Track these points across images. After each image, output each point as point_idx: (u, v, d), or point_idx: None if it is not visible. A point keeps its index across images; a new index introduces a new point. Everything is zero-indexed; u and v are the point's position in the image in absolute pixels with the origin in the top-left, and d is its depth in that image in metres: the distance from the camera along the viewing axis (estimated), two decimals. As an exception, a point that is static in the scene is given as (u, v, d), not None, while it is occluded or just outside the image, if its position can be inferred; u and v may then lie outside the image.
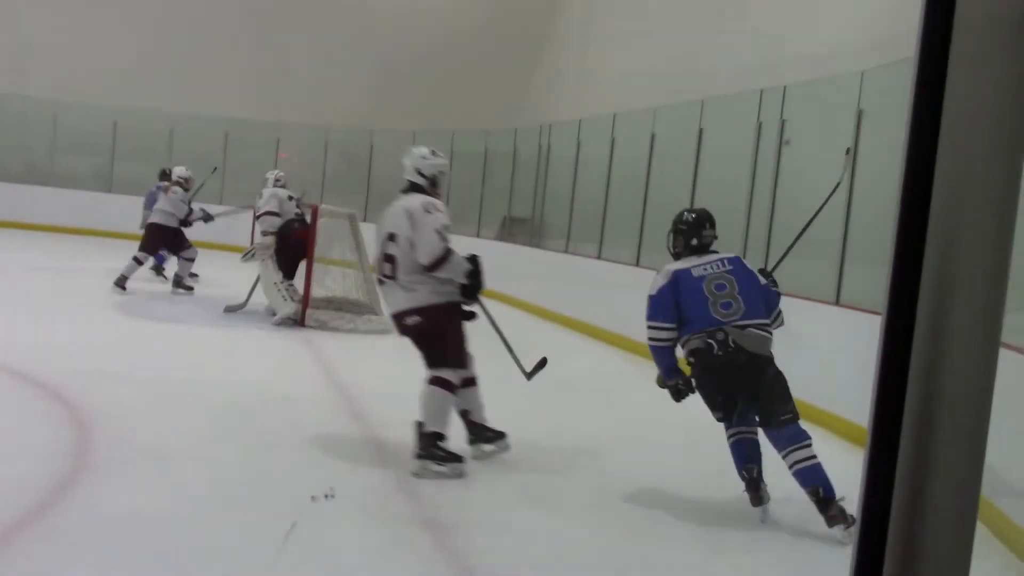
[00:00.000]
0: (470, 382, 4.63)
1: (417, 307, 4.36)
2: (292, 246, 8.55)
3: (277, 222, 8.85)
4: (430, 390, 4.33)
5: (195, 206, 9.79)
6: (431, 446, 4.24)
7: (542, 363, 5.05)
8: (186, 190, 9.74)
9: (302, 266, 8.35)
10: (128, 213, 14.94)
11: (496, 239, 13.30)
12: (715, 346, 3.98)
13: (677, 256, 4.32)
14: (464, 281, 4.40)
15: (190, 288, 9.71)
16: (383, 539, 3.45)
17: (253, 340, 7.52)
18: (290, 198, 9.15)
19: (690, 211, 4.46)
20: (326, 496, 3.72)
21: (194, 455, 4.21)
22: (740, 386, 4.02)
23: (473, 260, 4.41)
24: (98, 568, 2.95)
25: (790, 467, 3.87)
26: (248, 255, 8.73)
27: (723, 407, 4.06)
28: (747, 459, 4.04)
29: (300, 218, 8.91)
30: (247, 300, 8.75)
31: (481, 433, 4.64)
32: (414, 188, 4.62)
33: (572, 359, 8.30)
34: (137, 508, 3.47)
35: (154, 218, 9.59)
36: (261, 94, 16.90)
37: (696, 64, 10.83)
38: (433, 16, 17.09)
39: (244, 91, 16.88)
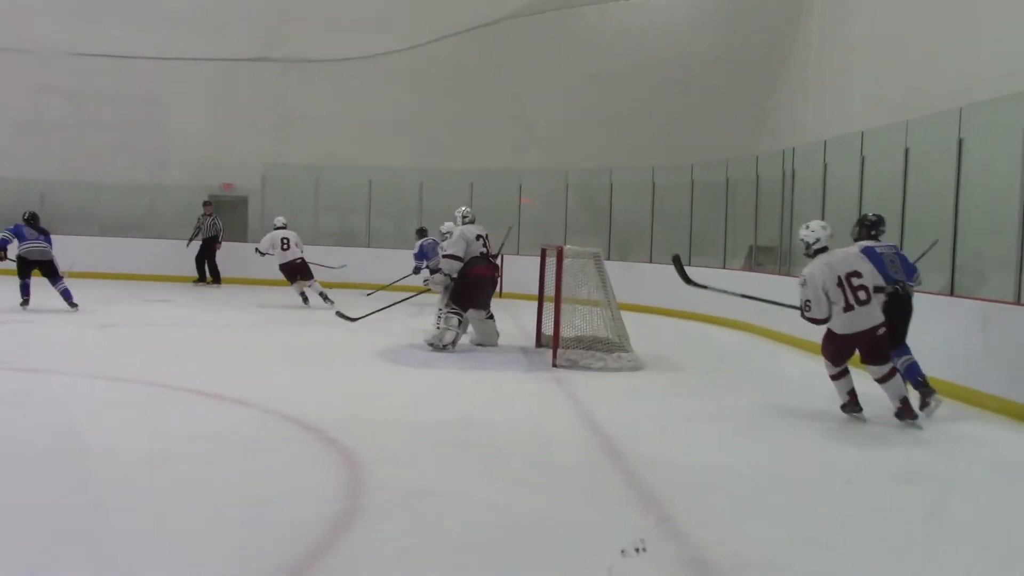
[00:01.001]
0: None
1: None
2: (468, 282, 9.13)
3: (457, 266, 9.24)
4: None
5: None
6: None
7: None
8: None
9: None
10: (386, 265, 15.84)
11: (743, 269, 13.00)
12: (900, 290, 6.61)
13: (857, 240, 6.97)
14: None
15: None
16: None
17: (508, 382, 7.68)
18: (478, 237, 9.37)
19: (874, 214, 7.13)
20: (638, 550, 3.50)
21: (463, 496, 4.33)
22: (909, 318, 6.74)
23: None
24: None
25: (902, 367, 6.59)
26: (426, 282, 9.66)
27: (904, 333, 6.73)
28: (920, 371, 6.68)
29: (484, 256, 9.27)
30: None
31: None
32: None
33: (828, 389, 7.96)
34: (409, 550, 3.59)
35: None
36: (503, 143, 17.49)
37: (951, 70, 10.19)
38: (666, 50, 17.10)
39: (487, 142, 17.53)
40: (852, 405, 6.40)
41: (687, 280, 7.52)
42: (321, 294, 13.31)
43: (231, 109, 18.38)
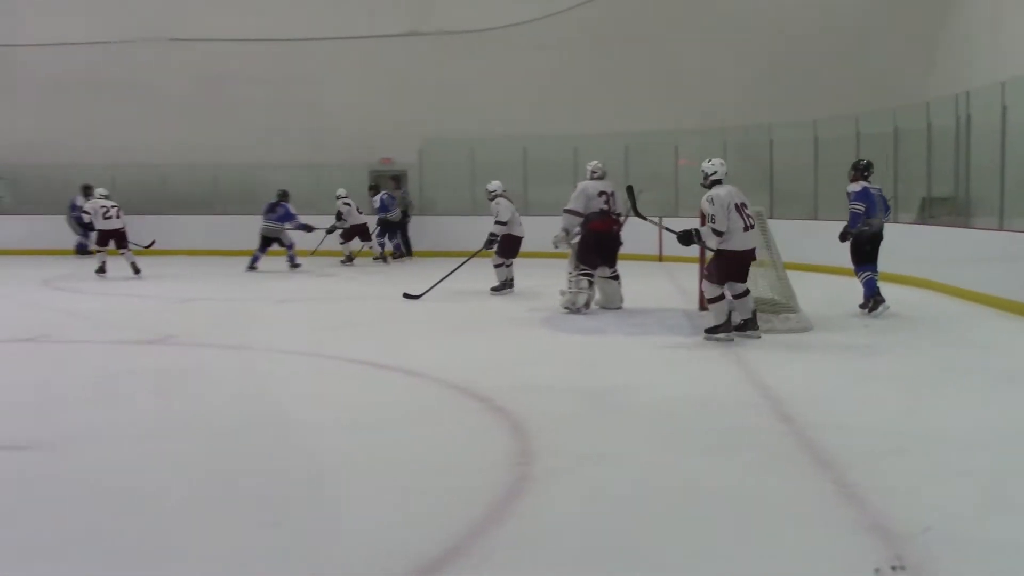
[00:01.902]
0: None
1: None
2: (589, 238, 9.10)
3: (574, 220, 9.26)
4: None
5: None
6: None
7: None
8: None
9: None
10: (541, 232, 15.90)
11: (915, 223, 12.39)
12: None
13: (854, 181, 8.92)
14: None
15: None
16: (824, 550, 3.29)
17: (672, 346, 7.59)
18: (600, 193, 9.31)
19: (866, 160, 9.16)
20: (894, 568, 3.04)
21: (634, 462, 4.30)
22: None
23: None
24: (555, 572, 3.09)
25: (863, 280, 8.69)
26: (555, 245, 9.58)
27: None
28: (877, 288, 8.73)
29: (604, 212, 9.19)
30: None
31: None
32: None
33: (1018, 347, 7.53)
34: (583, 515, 3.60)
35: None
36: (657, 104, 17.18)
37: None
38: (823, -5, 16.39)
39: (641, 104, 17.27)
40: (725, 327, 7.54)
41: (636, 212, 8.61)
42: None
43: (386, 85, 18.73)
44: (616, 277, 9.52)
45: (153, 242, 14.68)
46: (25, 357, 7.30)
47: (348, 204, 15.80)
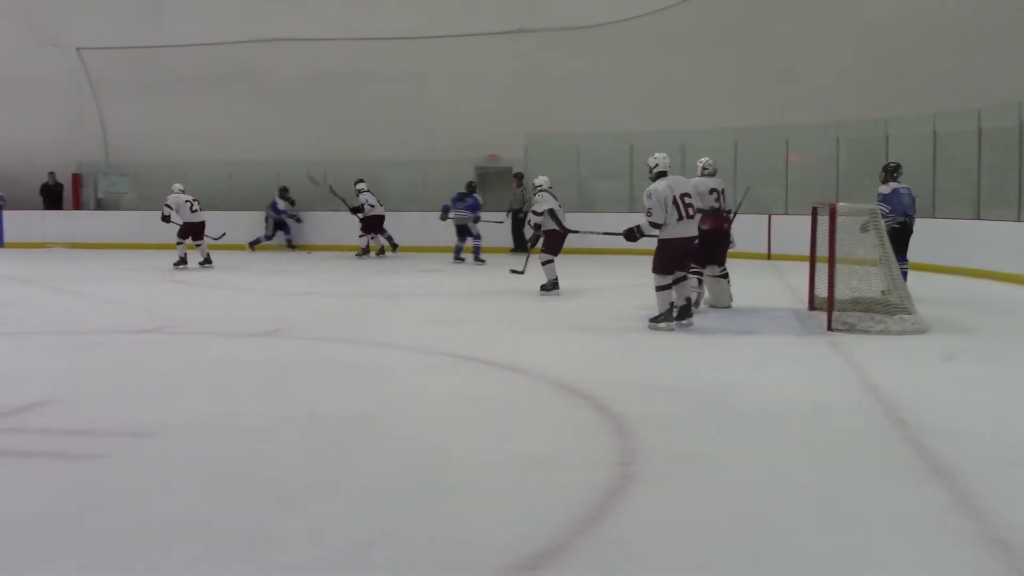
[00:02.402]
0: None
1: None
2: (701, 237, 8.70)
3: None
4: None
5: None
6: None
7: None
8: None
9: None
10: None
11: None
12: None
13: (885, 183, 9.88)
14: None
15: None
16: (942, 561, 3.16)
17: (780, 346, 7.43)
18: (711, 191, 9.16)
19: (894, 162, 10.07)
20: None
21: (738, 464, 4.22)
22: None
23: None
24: (656, 573, 3.05)
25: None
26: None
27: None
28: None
29: (715, 210, 9.08)
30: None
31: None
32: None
33: None
34: (685, 517, 3.54)
35: None
36: (767, 99, 16.82)
37: None
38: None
39: (750, 99, 16.94)
40: (667, 316, 8.06)
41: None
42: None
43: (492, 82, 18.82)
44: (725, 275, 9.39)
45: (223, 234, 15.17)
46: (145, 348, 7.57)
47: (371, 194, 16.55)
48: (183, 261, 14.50)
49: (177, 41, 19.46)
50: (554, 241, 10.96)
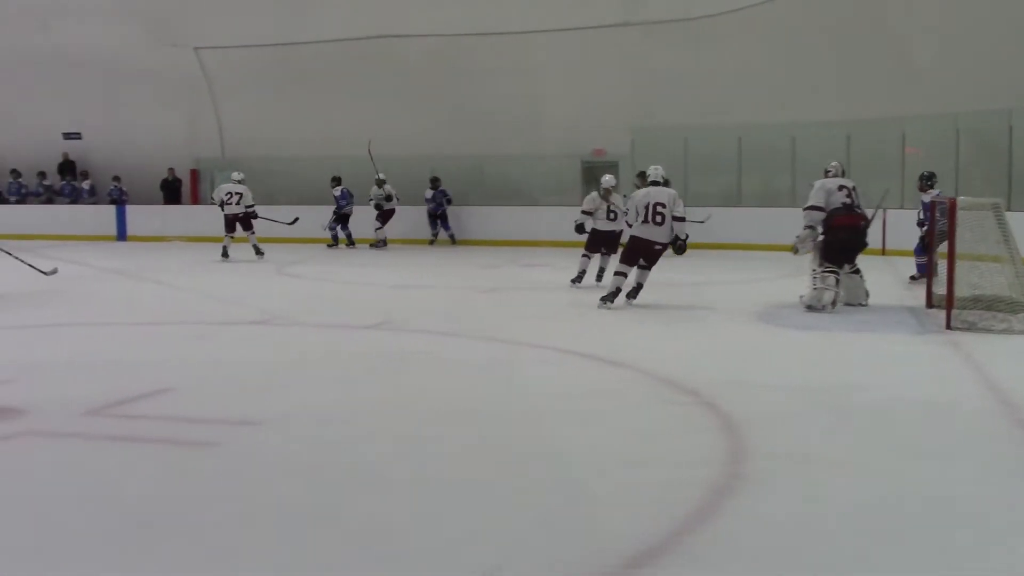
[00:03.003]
0: None
1: None
2: (832, 234, 8.75)
3: (818, 216, 8.86)
4: None
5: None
6: None
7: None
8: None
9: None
10: (754, 225, 15.51)
11: None
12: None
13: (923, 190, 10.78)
14: None
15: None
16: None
17: (897, 345, 7.20)
18: (840, 188, 8.97)
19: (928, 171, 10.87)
20: None
21: (850, 465, 4.10)
22: None
23: None
24: (763, 573, 2.99)
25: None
26: (793, 248, 9.22)
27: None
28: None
29: (848, 206, 8.81)
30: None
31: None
32: None
33: None
34: (794, 519, 3.46)
35: None
36: (881, 90, 16.28)
37: None
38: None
39: (863, 89, 16.41)
40: (611, 297, 9.02)
41: None
42: None
43: (599, 76, 18.69)
44: (858, 271, 9.16)
45: (296, 219, 15.80)
46: (256, 339, 7.77)
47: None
48: (226, 253, 14.93)
49: (291, 39, 19.89)
50: (591, 239, 11.19)
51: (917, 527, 3.38)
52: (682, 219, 9.11)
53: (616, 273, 9.20)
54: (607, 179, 11.21)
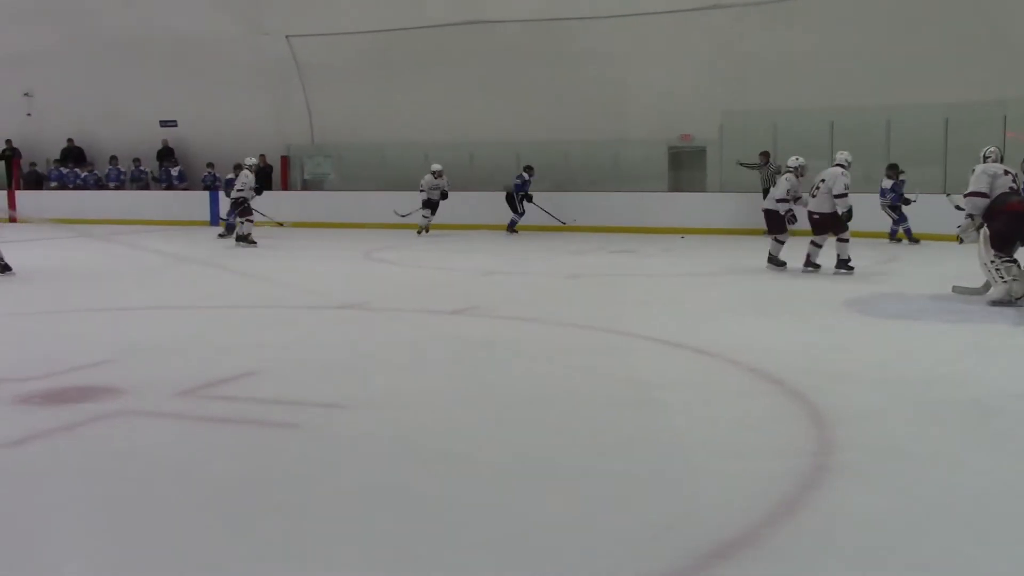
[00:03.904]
0: None
1: None
2: (1003, 220, 8.08)
3: (982, 203, 8.33)
4: None
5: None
6: None
7: None
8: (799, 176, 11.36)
9: None
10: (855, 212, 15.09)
11: None
12: None
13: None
14: None
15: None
16: None
17: (996, 336, 6.96)
18: (1006, 172, 8.50)
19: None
20: None
21: (942, 460, 3.99)
22: None
23: None
24: (846, 570, 2.92)
25: None
26: (958, 239, 8.75)
27: None
28: None
29: (1016, 191, 8.28)
30: (985, 288, 8.33)
31: None
32: None
33: None
34: (884, 514, 3.36)
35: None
36: (982, 70, 15.70)
37: None
38: None
39: (963, 71, 15.85)
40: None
41: None
42: None
43: (687, 60, 18.44)
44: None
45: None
46: (343, 323, 7.89)
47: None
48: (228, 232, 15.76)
49: (381, 26, 20.07)
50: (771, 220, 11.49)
51: (1012, 525, 3.27)
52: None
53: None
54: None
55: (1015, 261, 8.12)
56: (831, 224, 10.72)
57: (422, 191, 17.49)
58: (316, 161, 22.10)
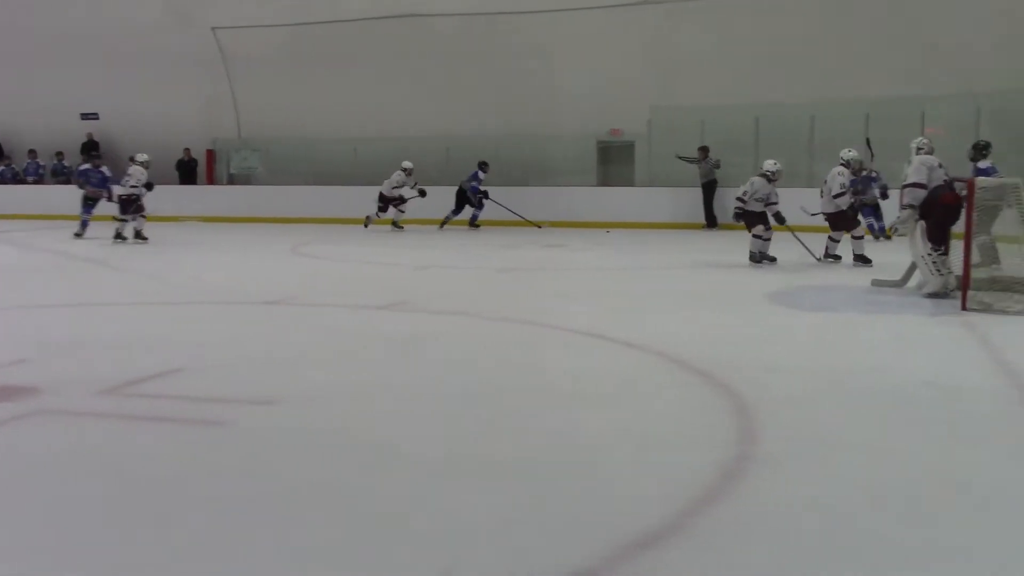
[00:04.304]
0: None
1: None
2: (939, 213, 8.20)
3: (921, 194, 8.45)
4: None
5: None
6: None
7: None
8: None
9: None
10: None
11: None
12: None
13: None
14: None
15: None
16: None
17: (911, 326, 7.16)
18: (940, 165, 8.69)
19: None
20: None
21: (864, 447, 4.07)
22: None
23: None
24: (770, 557, 2.98)
25: None
26: (894, 229, 8.97)
27: None
28: None
29: (948, 184, 8.43)
30: (904, 281, 8.55)
31: None
32: None
33: None
34: (808, 502, 3.44)
35: None
36: (901, 68, 16.11)
37: None
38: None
39: (883, 68, 16.25)
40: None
41: None
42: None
43: (616, 55, 18.56)
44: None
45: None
46: (272, 318, 7.80)
47: None
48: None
49: (309, 19, 19.85)
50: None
51: (930, 510, 3.36)
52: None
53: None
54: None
55: (947, 254, 8.31)
56: (841, 223, 11.06)
57: (396, 188, 17.21)
58: (243, 155, 21.78)
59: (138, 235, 14.40)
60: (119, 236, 14.31)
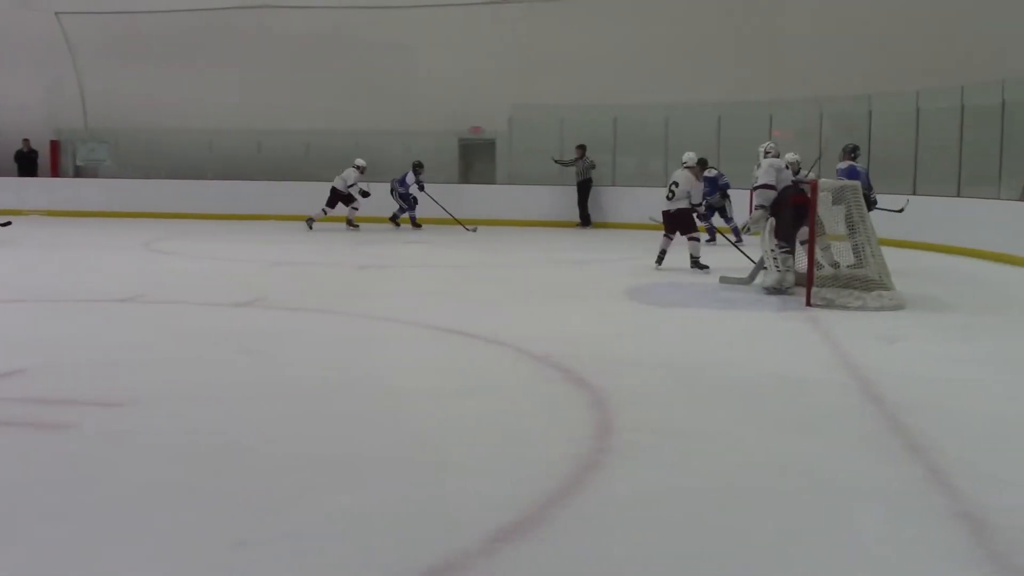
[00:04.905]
0: None
1: None
2: (788, 213, 8.55)
3: (772, 195, 8.77)
4: None
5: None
6: None
7: None
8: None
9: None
10: (636, 205, 15.75)
11: (1020, 199, 11.92)
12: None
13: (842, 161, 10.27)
14: None
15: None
16: (913, 535, 3.18)
17: (759, 322, 7.45)
18: (787, 166, 9.10)
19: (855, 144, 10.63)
20: None
21: (714, 438, 4.22)
22: None
23: None
24: (627, 547, 3.05)
25: None
26: (745, 228, 9.27)
27: None
28: None
29: (795, 185, 8.77)
30: (751, 279, 8.89)
31: None
32: None
33: None
34: (660, 491, 3.55)
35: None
36: (750, 73, 16.75)
37: None
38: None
39: (734, 73, 16.86)
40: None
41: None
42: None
43: (477, 53, 18.65)
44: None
45: (9, 222, 14.06)
46: (122, 317, 7.52)
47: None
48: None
49: (158, 6, 19.20)
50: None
51: (776, 498, 3.50)
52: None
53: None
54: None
55: (791, 252, 8.68)
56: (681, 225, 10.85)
57: (351, 186, 16.58)
58: (90, 147, 20.86)
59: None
60: None
